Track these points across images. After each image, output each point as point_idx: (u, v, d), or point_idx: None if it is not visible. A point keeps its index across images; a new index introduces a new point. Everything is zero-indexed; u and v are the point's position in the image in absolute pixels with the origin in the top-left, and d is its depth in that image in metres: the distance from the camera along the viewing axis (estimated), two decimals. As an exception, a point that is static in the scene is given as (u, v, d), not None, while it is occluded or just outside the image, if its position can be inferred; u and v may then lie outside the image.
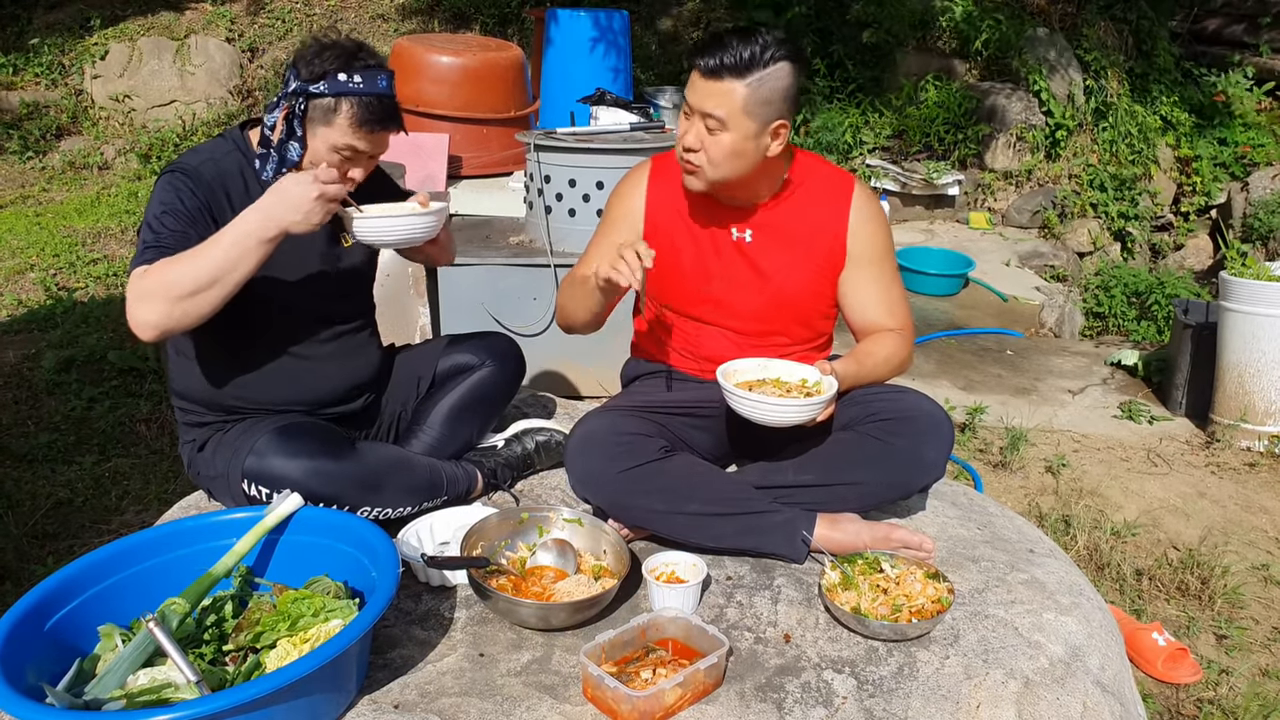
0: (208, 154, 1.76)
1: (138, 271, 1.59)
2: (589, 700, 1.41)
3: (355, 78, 1.67)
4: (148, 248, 1.63)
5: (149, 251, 1.62)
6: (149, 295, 1.56)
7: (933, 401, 1.85)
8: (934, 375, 4.10)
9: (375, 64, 1.71)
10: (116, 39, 7.30)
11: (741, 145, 1.73)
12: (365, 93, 1.67)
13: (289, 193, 1.58)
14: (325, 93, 1.67)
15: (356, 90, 1.67)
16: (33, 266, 4.97)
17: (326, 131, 1.69)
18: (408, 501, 1.81)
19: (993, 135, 6.25)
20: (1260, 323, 3.42)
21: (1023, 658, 1.53)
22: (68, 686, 1.30)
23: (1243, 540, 2.94)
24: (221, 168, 1.75)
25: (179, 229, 1.65)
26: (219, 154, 1.77)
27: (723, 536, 1.75)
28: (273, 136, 1.73)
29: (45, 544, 2.72)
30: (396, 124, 1.75)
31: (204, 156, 1.75)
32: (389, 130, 1.74)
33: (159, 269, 1.58)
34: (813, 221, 1.89)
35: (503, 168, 4.41)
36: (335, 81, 1.66)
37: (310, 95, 1.68)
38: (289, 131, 1.71)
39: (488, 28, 7.81)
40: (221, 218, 1.70)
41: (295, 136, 1.71)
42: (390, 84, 1.72)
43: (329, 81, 1.66)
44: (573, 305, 1.94)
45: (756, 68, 1.68)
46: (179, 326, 1.59)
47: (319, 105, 1.68)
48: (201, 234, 1.65)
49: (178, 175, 1.70)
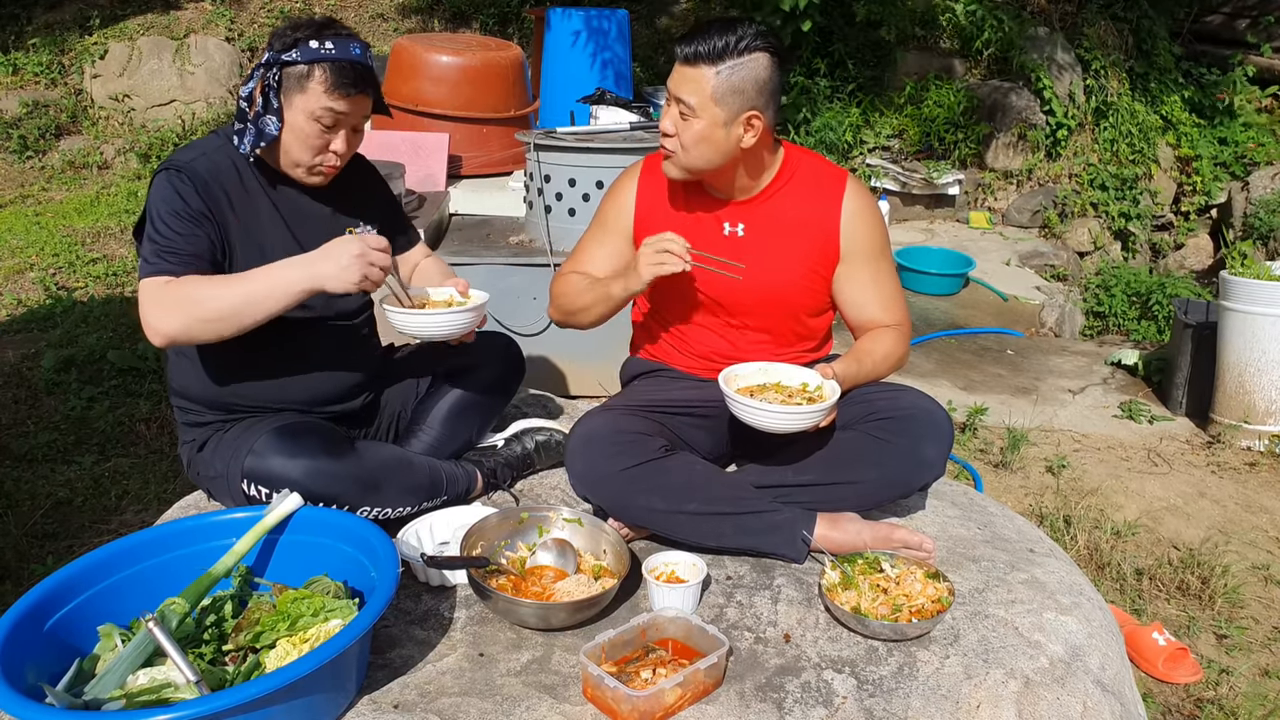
0: (201, 149, 1.76)
1: (159, 280, 1.62)
2: (589, 700, 1.40)
3: (327, 44, 1.69)
4: (162, 252, 1.65)
5: (165, 258, 1.64)
6: (172, 307, 1.60)
7: (932, 400, 1.85)
8: (934, 375, 4.09)
9: (347, 34, 1.73)
10: (116, 38, 7.30)
11: (709, 132, 1.74)
12: (337, 58, 1.69)
13: (334, 248, 1.63)
14: (298, 60, 1.69)
15: (329, 56, 1.69)
16: (32, 266, 4.97)
17: (302, 99, 1.71)
18: (407, 501, 1.80)
19: (993, 135, 6.25)
20: (1261, 322, 3.42)
21: (1023, 657, 1.53)
22: (67, 686, 1.30)
23: (1243, 540, 2.94)
24: (215, 162, 1.75)
25: (187, 231, 1.67)
26: (211, 149, 1.77)
27: (723, 536, 1.75)
28: (249, 110, 1.74)
29: (45, 544, 2.71)
30: (371, 88, 1.75)
31: (198, 152, 1.76)
32: (364, 94, 1.74)
33: (187, 285, 1.61)
34: (805, 217, 1.89)
35: (502, 167, 4.41)
36: (307, 49, 1.68)
37: (283, 64, 1.70)
38: (265, 105, 1.72)
39: (487, 27, 7.81)
40: (219, 214, 1.71)
41: (272, 109, 1.72)
42: (364, 53, 1.74)
43: (301, 49, 1.69)
44: (587, 309, 1.94)
45: (730, 56, 1.70)
46: (193, 341, 1.66)
47: (292, 74, 1.70)
48: (209, 233, 1.68)
49: (174, 173, 1.70)
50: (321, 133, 1.73)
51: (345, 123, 1.75)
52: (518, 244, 3.54)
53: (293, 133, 1.73)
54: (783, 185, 1.89)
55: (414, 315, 1.83)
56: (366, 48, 1.75)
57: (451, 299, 1.95)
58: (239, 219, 1.75)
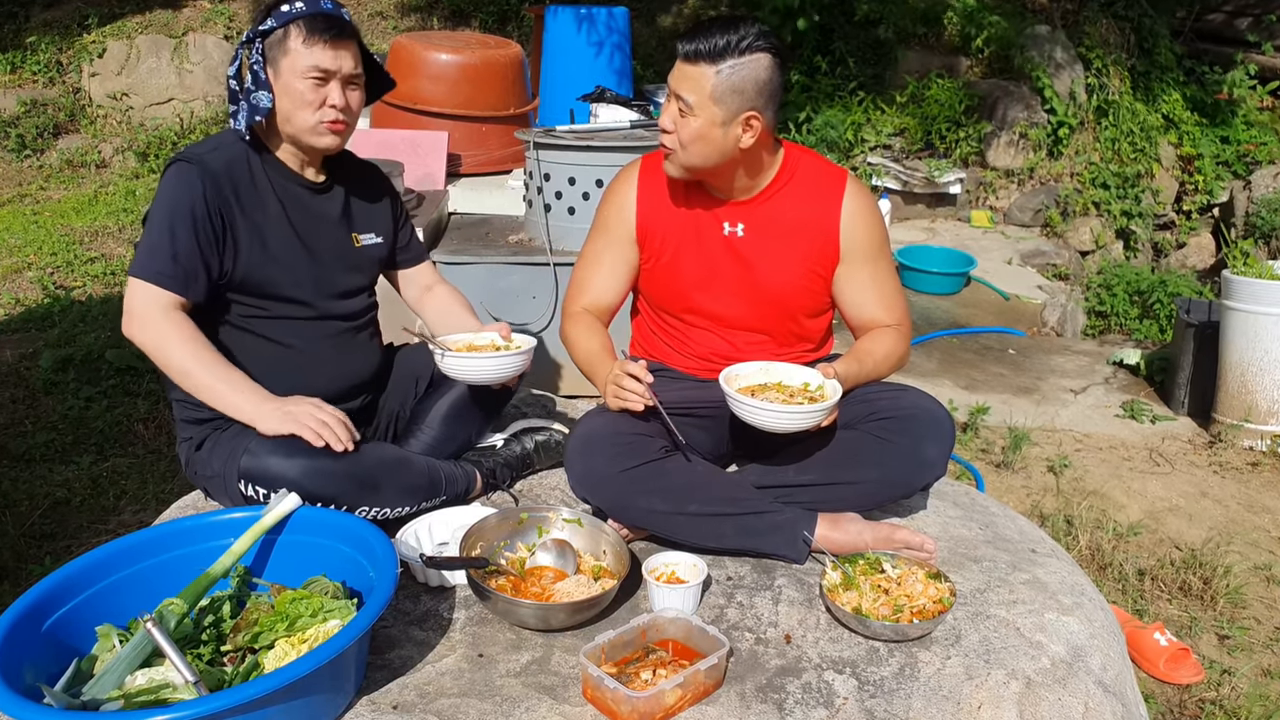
0: (215, 144, 1.80)
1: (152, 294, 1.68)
2: (589, 701, 1.40)
3: (298, 4, 1.73)
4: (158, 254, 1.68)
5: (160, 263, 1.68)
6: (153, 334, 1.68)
7: (933, 399, 1.84)
8: (936, 374, 4.09)
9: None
10: (114, 37, 7.29)
11: (707, 131, 1.73)
12: (310, 12, 1.73)
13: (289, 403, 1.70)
14: (274, 26, 1.73)
15: (300, 13, 1.73)
16: (30, 265, 4.97)
17: (287, 61, 1.73)
18: (406, 501, 1.80)
19: (994, 133, 6.24)
20: (1263, 321, 3.41)
21: (1024, 658, 1.52)
22: (65, 687, 1.30)
23: (1245, 540, 2.93)
24: (228, 156, 1.78)
25: (186, 236, 1.69)
26: (226, 144, 1.80)
27: (723, 537, 1.74)
28: (238, 88, 1.77)
29: (43, 544, 2.71)
30: (350, 35, 1.77)
31: (211, 146, 1.79)
32: (344, 41, 1.76)
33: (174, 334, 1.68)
34: (805, 217, 1.88)
35: (502, 166, 4.40)
36: (279, 13, 1.73)
37: (262, 35, 1.74)
38: (254, 80, 1.75)
39: (487, 25, 7.81)
40: (226, 209, 1.74)
41: (261, 84, 1.75)
42: (335, 6, 1.77)
43: (274, 15, 1.73)
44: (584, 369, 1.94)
45: (730, 55, 1.69)
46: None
47: (272, 41, 1.74)
48: (209, 235, 1.71)
49: (185, 165, 1.73)
50: (315, 87, 1.74)
51: (336, 76, 1.76)
52: (517, 243, 3.53)
53: (287, 97, 1.75)
54: (783, 185, 1.89)
55: (468, 359, 1.87)
56: (339, 4, 1.78)
57: (494, 343, 1.98)
58: (246, 214, 1.77)
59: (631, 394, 1.74)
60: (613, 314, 2.03)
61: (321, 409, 1.71)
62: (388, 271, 2.10)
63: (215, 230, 1.72)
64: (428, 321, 2.12)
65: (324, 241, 1.88)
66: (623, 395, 1.75)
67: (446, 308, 2.10)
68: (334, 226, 1.90)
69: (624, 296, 2.02)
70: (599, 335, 1.93)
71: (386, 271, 2.09)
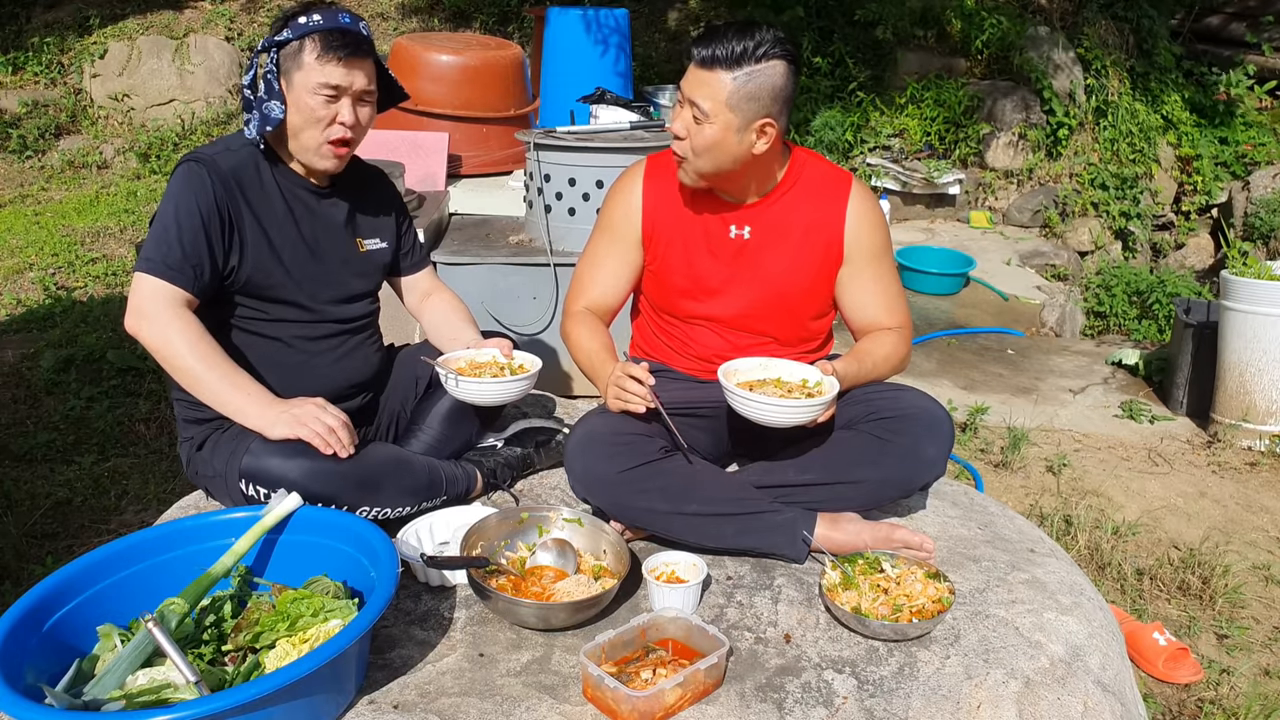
0: (225, 145, 1.81)
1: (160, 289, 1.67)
2: (589, 700, 1.40)
3: (315, 17, 1.73)
4: (166, 251, 1.68)
5: (168, 260, 1.68)
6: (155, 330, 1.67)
7: (932, 399, 1.84)
8: (935, 374, 4.09)
9: (336, 7, 1.76)
10: (115, 38, 7.29)
11: (722, 138, 1.73)
12: (326, 27, 1.73)
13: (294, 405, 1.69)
14: (289, 38, 1.73)
15: (318, 27, 1.73)
16: (31, 266, 4.97)
17: (300, 75, 1.74)
18: (407, 501, 1.80)
19: (993, 134, 6.24)
20: (1261, 322, 3.42)
21: (1023, 657, 1.53)
22: (67, 687, 1.30)
23: (1244, 540, 2.93)
24: (238, 159, 1.79)
25: (193, 235, 1.69)
26: (236, 145, 1.81)
27: (723, 536, 1.74)
28: (252, 96, 1.77)
29: (44, 544, 2.71)
30: (365, 52, 1.77)
31: (222, 147, 1.80)
32: (359, 58, 1.76)
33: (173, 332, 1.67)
34: (810, 219, 1.88)
35: (502, 167, 4.40)
36: (296, 25, 1.73)
37: (278, 45, 1.74)
38: (268, 90, 1.75)
39: (488, 26, 7.81)
40: (235, 211, 1.75)
41: (274, 94, 1.75)
42: (354, 21, 1.77)
43: (291, 27, 1.73)
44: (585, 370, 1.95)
45: (747, 62, 1.68)
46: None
47: (287, 53, 1.74)
48: (215, 235, 1.71)
49: (195, 164, 1.74)
50: (326, 103, 1.75)
51: (347, 92, 1.76)
52: (517, 243, 3.53)
53: (298, 111, 1.75)
54: (789, 189, 1.89)
55: (479, 385, 1.88)
56: (356, 18, 1.78)
57: (495, 359, 1.99)
58: (254, 216, 1.78)
59: (633, 396, 1.74)
60: (614, 314, 2.03)
61: (326, 410, 1.71)
62: (390, 277, 2.11)
63: (223, 230, 1.73)
64: (426, 328, 2.13)
65: (329, 246, 1.89)
66: (624, 397, 1.76)
67: (445, 316, 2.11)
68: (339, 231, 1.91)
69: (626, 297, 2.03)
70: (600, 335, 1.93)
71: (389, 277, 2.10)
